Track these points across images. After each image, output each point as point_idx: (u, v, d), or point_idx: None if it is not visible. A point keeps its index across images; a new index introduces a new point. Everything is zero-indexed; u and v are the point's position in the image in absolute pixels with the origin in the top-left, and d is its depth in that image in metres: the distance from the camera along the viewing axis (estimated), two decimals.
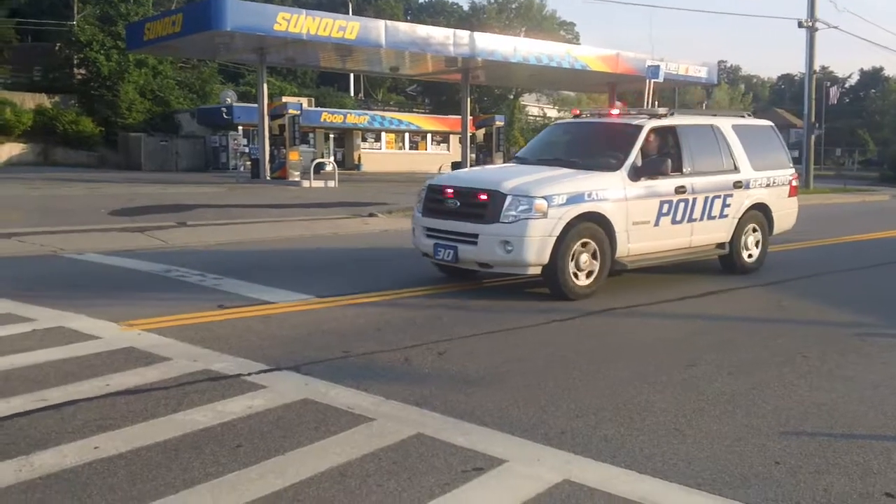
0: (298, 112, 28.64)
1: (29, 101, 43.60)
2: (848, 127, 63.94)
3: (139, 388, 4.89)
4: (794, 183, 10.58)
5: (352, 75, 36.16)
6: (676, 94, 68.31)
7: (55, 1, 51.00)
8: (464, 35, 29.96)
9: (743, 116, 10.61)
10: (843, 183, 37.88)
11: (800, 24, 33.11)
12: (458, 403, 4.72)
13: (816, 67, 35.66)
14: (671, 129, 9.16)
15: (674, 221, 8.77)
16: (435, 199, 8.35)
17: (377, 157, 45.08)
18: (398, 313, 7.27)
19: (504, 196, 7.67)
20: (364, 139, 45.75)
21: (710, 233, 9.31)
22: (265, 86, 28.53)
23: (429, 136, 47.56)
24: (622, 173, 8.29)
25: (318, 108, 41.25)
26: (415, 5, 76.91)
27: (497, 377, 5.34)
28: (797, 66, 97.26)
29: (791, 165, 10.62)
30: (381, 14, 50.91)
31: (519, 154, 10.15)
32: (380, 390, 4.91)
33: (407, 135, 47.20)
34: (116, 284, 8.46)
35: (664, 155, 8.80)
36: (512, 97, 60.81)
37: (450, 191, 8.20)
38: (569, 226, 7.72)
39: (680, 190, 8.77)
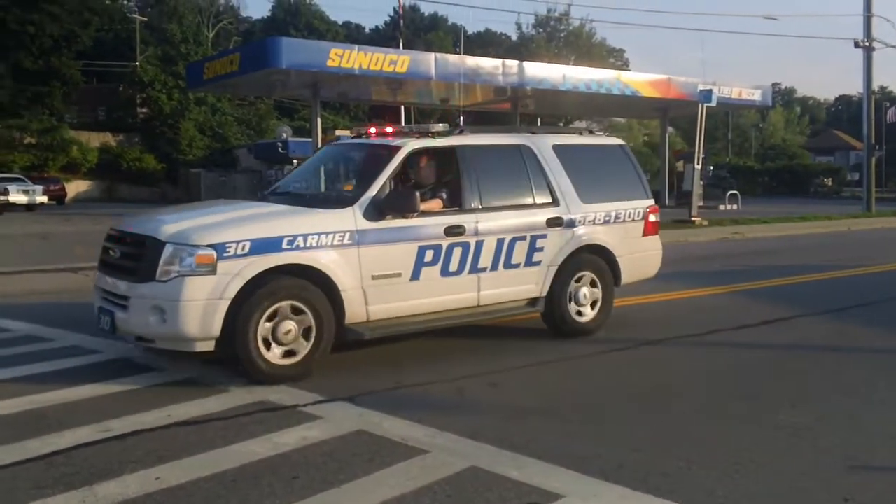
0: None
1: (95, 139, 45.39)
2: None
3: (198, 419, 4.98)
4: (653, 218, 8.15)
5: (402, 107, 36.60)
6: (730, 117, 67.64)
7: (119, 43, 53.08)
8: (513, 65, 30.15)
9: (580, 133, 8.43)
10: None
11: (856, 45, 32.42)
12: (513, 436, 4.69)
13: (875, 88, 34.86)
14: (449, 152, 7.00)
15: (446, 273, 6.60)
16: (105, 248, 6.40)
17: None
18: (449, 343, 7.25)
19: (162, 245, 5.68)
20: None
21: (511, 285, 7.05)
22: (319, 120, 29.14)
23: None
24: (354, 210, 6.20)
25: None
26: (464, 37, 77.79)
27: (551, 409, 5.29)
28: (855, 87, 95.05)
29: (648, 196, 8.19)
30: (431, 47, 51.60)
31: (277, 187, 8.00)
32: (433, 422, 4.91)
33: None
34: None
35: (440, 185, 6.96)
36: (562, 125, 60.84)
37: (122, 236, 6.30)
38: (253, 284, 5.66)
39: (454, 231, 6.61)
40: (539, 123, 37.51)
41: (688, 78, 33.04)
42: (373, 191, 6.36)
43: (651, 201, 8.20)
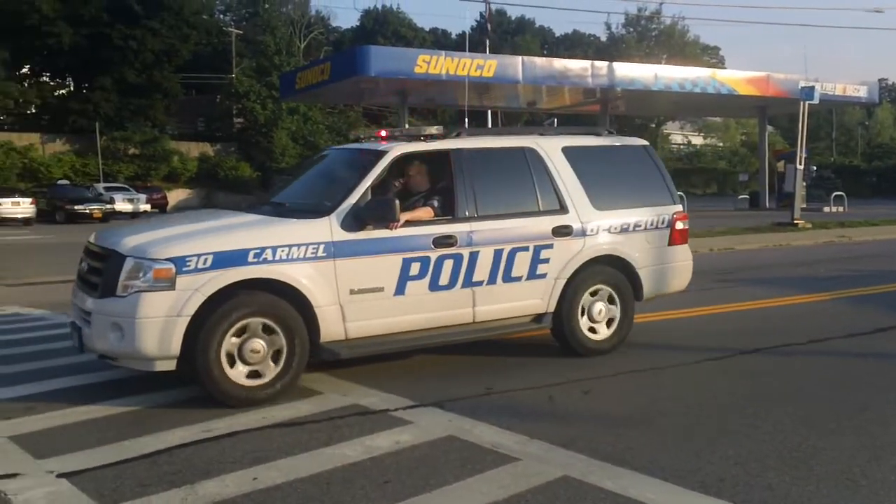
0: None
1: (194, 149, 47.36)
2: None
3: (294, 421, 5.08)
4: (681, 225, 7.36)
5: (489, 112, 36.65)
6: (834, 115, 64.81)
7: (216, 56, 55.19)
8: (602, 66, 29.79)
9: (598, 134, 7.61)
10: None
11: None
12: (606, 445, 4.58)
13: None
14: (441, 157, 6.52)
15: (435, 287, 6.11)
16: (80, 261, 6.16)
17: None
18: (538, 350, 7.16)
19: (123, 258, 5.41)
20: None
21: (512, 300, 6.49)
22: (406, 126, 29.45)
23: None
24: (331, 220, 5.78)
25: None
26: (551, 39, 77.36)
27: (646, 419, 5.13)
28: None
29: (675, 201, 7.44)
30: (518, 50, 51.47)
31: (269, 197, 7.41)
32: (524, 429, 4.84)
33: None
34: None
35: (432, 192, 6.48)
36: (654, 126, 59.63)
37: (93, 250, 5.98)
38: (215, 300, 5.32)
39: (443, 242, 6.13)
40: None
41: (788, 74, 31.91)
42: (352, 199, 5.90)
43: (678, 207, 7.45)
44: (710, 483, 4.02)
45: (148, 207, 35.79)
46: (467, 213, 6.32)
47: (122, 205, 34.04)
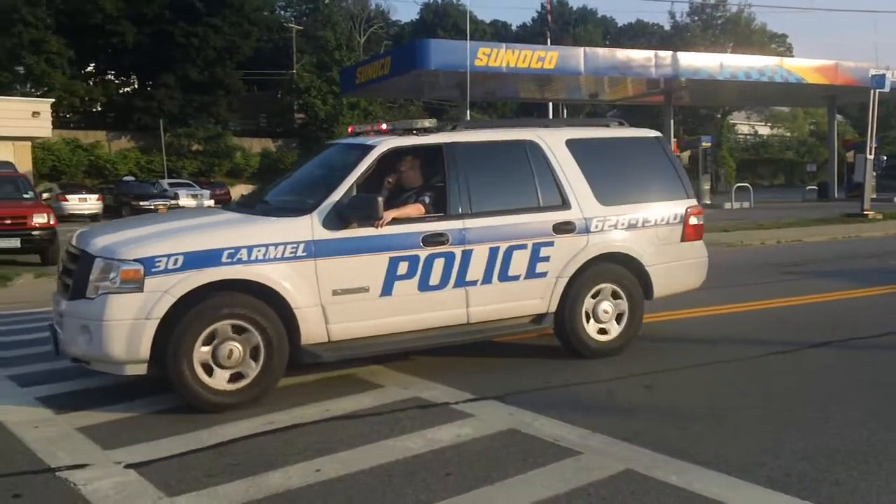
0: None
1: (256, 145, 48.21)
2: None
3: (355, 414, 5.15)
4: (694, 220, 6.98)
5: (550, 104, 36.38)
6: None
7: (277, 52, 56.06)
8: (666, 55, 29.24)
9: (607, 126, 7.27)
10: None
11: None
12: (669, 439, 4.52)
13: None
14: (434, 151, 6.22)
15: (424, 287, 5.84)
16: (61, 261, 6.03)
17: None
18: None
19: (92, 259, 5.26)
20: None
21: (509, 300, 6.18)
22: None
23: None
24: (312, 218, 5.55)
25: None
26: (613, 29, 76.29)
27: (710, 413, 5.05)
28: None
29: (689, 195, 7.05)
30: (580, 41, 50.95)
31: (259, 195, 7.34)
32: (585, 423, 4.81)
33: None
34: None
35: (424, 188, 6.21)
36: (719, 116, 58.30)
37: (72, 250, 5.78)
38: (186, 302, 5.13)
39: (433, 240, 5.86)
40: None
41: (858, 63, 30.83)
42: (335, 196, 5.66)
43: (692, 201, 7.03)
44: (776, 478, 3.94)
45: (212, 203, 36.49)
46: (460, 210, 6.06)
47: (186, 200, 34.75)
